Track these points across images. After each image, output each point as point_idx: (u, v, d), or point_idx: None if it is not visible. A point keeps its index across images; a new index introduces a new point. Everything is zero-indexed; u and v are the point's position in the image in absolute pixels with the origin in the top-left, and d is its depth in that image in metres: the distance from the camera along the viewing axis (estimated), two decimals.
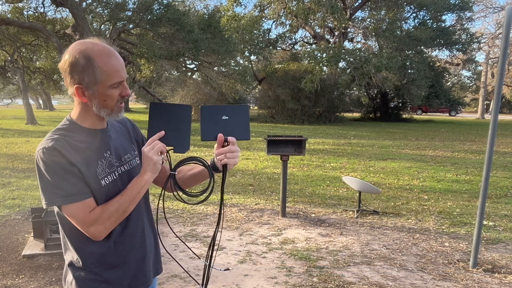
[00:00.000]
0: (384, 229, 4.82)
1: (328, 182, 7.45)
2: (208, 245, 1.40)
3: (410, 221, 5.13)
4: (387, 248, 4.21)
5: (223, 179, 1.36)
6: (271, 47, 26.87)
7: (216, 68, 20.21)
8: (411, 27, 23.91)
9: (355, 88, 24.52)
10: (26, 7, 18.31)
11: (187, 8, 21.22)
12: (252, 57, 25.40)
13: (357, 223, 5.04)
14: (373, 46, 24.41)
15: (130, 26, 17.90)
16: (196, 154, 9.91)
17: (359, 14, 24.73)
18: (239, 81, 20.28)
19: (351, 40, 26.49)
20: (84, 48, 1.25)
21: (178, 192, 1.38)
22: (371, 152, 11.45)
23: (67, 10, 16.12)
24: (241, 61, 24.57)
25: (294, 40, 28.56)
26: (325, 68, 21.48)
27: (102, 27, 19.48)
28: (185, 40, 16.06)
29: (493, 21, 35.08)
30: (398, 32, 22.08)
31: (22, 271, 3.62)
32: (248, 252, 4.07)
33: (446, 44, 23.86)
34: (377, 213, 5.44)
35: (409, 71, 23.42)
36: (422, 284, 3.40)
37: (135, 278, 1.42)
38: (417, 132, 18.14)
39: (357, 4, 23.82)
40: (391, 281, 3.45)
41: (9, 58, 20.83)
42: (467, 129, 20.19)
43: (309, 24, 24.95)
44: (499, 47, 7.80)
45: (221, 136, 1.32)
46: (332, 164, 9.39)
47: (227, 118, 1.33)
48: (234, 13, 23.85)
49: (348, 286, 3.36)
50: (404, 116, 27.65)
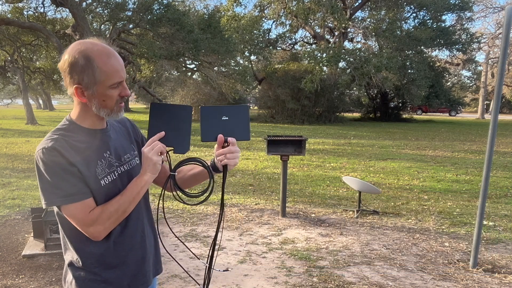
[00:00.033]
0: (384, 229, 4.82)
1: (328, 182, 7.45)
2: (210, 246, 1.40)
3: (410, 221, 5.14)
4: (387, 248, 4.21)
5: (224, 180, 1.36)
6: (271, 47, 26.87)
7: (216, 68, 20.21)
8: (411, 27, 23.93)
9: (355, 88, 24.52)
10: (26, 7, 18.32)
11: (187, 8, 21.22)
12: (252, 57, 25.43)
13: (357, 223, 5.04)
14: (373, 46, 24.42)
15: (130, 26, 17.90)
16: (196, 154, 9.83)
17: (359, 14, 24.77)
18: (239, 81, 20.28)
19: (351, 40, 26.51)
20: (84, 48, 1.25)
21: (178, 193, 1.38)
22: (371, 152, 11.45)
23: (67, 10, 16.12)
24: (241, 61, 24.59)
25: (294, 40, 28.61)
26: (325, 68, 21.48)
27: (102, 27, 19.48)
28: (185, 40, 16.06)
29: (493, 21, 35.12)
30: (398, 32, 22.09)
31: (22, 271, 3.62)
32: (248, 252, 4.07)
33: (446, 44, 23.87)
34: (377, 213, 5.44)
35: (409, 71, 23.42)
36: (422, 284, 3.40)
37: (135, 278, 1.42)
38: (417, 132, 18.14)
39: (357, 4, 23.82)
40: (391, 281, 3.45)
41: (9, 58, 20.83)
42: (467, 129, 20.19)
43: (309, 24, 24.95)
44: (499, 47, 7.80)
45: (221, 137, 1.32)
46: (332, 164, 9.39)
47: (227, 119, 1.33)
48: (234, 13, 23.85)
49: (348, 286, 3.36)
50: (404, 116, 27.66)
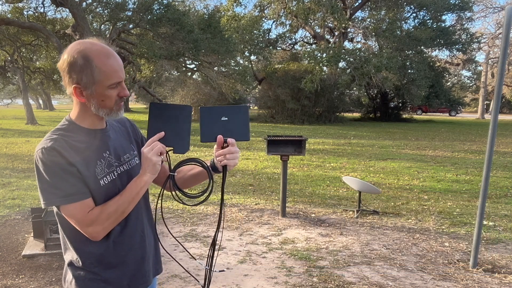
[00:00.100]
0: (384, 229, 4.82)
1: (328, 182, 7.45)
2: (210, 246, 1.40)
3: (410, 221, 5.13)
4: (387, 248, 4.21)
5: (223, 180, 1.36)
6: (271, 47, 26.87)
7: (216, 68, 20.20)
8: (411, 27, 23.93)
9: (355, 88, 24.52)
10: (26, 7, 18.33)
11: (187, 8, 21.21)
12: (252, 57, 25.43)
13: (357, 223, 5.04)
14: (373, 46, 24.41)
15: (130, 26, 17.90)
16: (196, 154, 9.82)
17: (359, 14, 24.77)
18: (239, 81, 20.27)
19: (351, 40, 26.51)
20: (83, 48, 1.25)
21: (177, 193, 1.38)
22: (371, 152, 11.45)
23: (67, 10, 16.13)
24: (241, 61, 24.59)
25: (294, 40, 28.61)
26: (325, 68, 21.48)
27: (102, 27, 19.48)
28: (185, 40, 16.06)
29: (493, 21, 35.12)
30: (398, 32, 22.09)
31: (22, 271, 3.62)
32: (248, 252, 4.07)
33: (446, 44, 23.87)
34: (377, 213, 5.43)
35: (409, 71, 23.42)
36: (422, 284, 3.40)
37: (134, 278, 1.42)
38: (417, 132, 18.14)
39: (357, 4, 23.82)
40: (391, 281, 3.45)
41: (9, 58, 20.84)
42: (467, 129, 20.19)
43: (309, 24, 24.95)
44: (499, 47, 7.80)
45: (221, 138, 1.32)
46: (332, 164, 9.39)
47: (227, 119, 1.32)
48: (234, 13, 23.86)
49: (348, 286, 3.36)
50: (404, 116, 27.67)
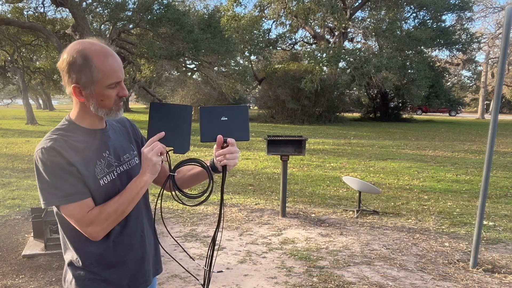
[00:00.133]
0: (384, 229, 4.82)
1: (328, 182, 7.45)
2: (209, 246, 1.40)
3: (410, 221, 5.13)
4: (387, 248, 4.21)
5: (223, 180, 1.36)
6: (271, 47, 26.87)
7: (216, 68, 20.21)
8: (411, 27, 23.92)
9: (355, 88, 24.52)
10: (26, 7, 18.33)
11: (187, 8, 21.22)
12: (252, 57, 25.43)
13: (357, 223, 5.04)
14: (373, 46, 24.41)
15: (130, 26, 17.90)
16: (196, 154, 9.80)
17: (359, 14, 24.77)
18: (239, 81, 20.28)
19: (351, 40, 26.51)
20: (82, 48, 1.25)
21: (177, 193, 1.38)
22: (371, 152, 11.45)
23: (67, 10, 16.13)
24: (241, 61, 24.59)
25: (294, 40, 28.61)
26: (325, 68, 21.48)
27: (102, 27, 19.48)
28: (185, 40, 16.06)
29: (493, 21, 35.12)
30: (398, 32, 22.08)
31: (22, 271, 3.62)
32: (248, 252, 4.07)
33: (446, 44, 23.87)
34: (377, 213, 5.43)
35: (409, 71, 23.42)
36: (422, 284, 3.40)
37: (134, 278, 1.42)
38: (417, 132, 18.14)
39: (357, 4, 23.82)
40: (391, 281, 3.45)
41: (9, 58, 20.84)
42: (467, 129, 20.19)
43: (309, 24, 24.95)
44: (499, 47, 7.80)
45: (221, 138, 1.31)
46: (332, 164, 9.39)
47: (226, 119, 1.32)
48: (234, 13, 23.85)
49: (348, 286, 3.36)
50: (404, 116, 27.67)
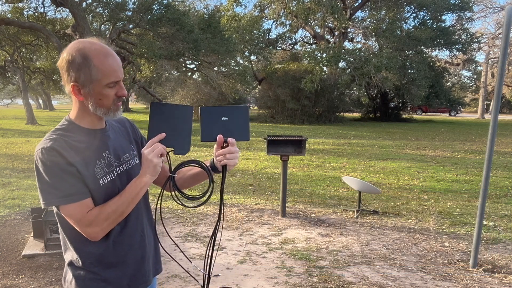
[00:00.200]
0: (384, 229, 4.82)
1: (328, 182, 7.45)
2: (207, 246, 1.40)
3: (410, 221, 5.13)
4: (387, 248, 4.21)
5: (223, 180, 1.35)
6: (271, 47, 26.87)
7: (216, 68, 20.21)
8: (411, 27, 23.93)
9: (355, 88, 24.53)
10: (26, 7, 18.33)
11: (187, 8, 21.22)
12: (252, 57, 25.44)
13: (357, 223, 5.04)
14: (373, 46, 24.42)
15: (130, 26, 17.90)
16: (196, 154, 9.78)
17: (359, 14, 24.77)
18: (239, 81, 20.28)
19: (351, 40, 26.51)
20: (82, 47, 1.25)
21: (177, 194, 1.37)
22: (371, 152, 11.45)
23: (67, 10, 16.13)
24: (241, 61, 24.59)
25: (294, 40, 28.61)
26: (325, 68, 21.48)
27: (102, 27, 19.48)
28: (185, 40, 16.06)
29: (493, 21, 35.13)
30: (398, 32, 22.08)
31: (22, 271, 3.62)
32: (248, 252, 4.07)
33: (446, 44, 23.87)
34: (377, 213, 5.43)
35: (409, 71, 23.42)
36: (422, 284, 3.39)
37: (134, 278, 1.42)
38: (417, 132, 18.14)
39: (357, 4, 23.82)
40: (391, 281, 3.45)
41: (9, 58, 20.84)
42: (467, 129, 20.19)
43: (309, 24, 24.95)
44: (499, 47, 7.80)
45: (221, 137, 1.31)
46: (332, 164, 9.39)
47: (227, 119, 1.32)
48: (234, 13, 23.86)
49: (348, 286, 3.36)
50: (404, 116, 27.67)
